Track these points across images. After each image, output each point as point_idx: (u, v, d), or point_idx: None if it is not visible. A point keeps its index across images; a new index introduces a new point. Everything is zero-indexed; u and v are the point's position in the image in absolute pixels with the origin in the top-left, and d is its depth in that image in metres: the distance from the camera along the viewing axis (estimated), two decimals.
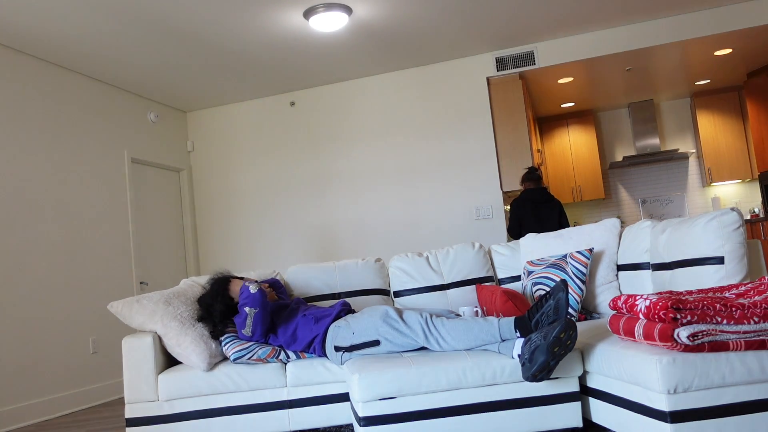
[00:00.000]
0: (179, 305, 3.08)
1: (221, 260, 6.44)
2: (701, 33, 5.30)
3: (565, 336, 2.22)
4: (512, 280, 3.52)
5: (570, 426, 2.46)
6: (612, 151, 8.20)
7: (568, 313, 2.51)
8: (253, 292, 2.89)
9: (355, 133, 6.14)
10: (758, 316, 1.97)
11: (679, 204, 7.88)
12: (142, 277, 5.68)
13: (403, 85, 6.04)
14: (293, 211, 6.28)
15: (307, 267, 3.63)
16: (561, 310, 2.38)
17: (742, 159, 7.47)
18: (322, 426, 2.89)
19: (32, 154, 4.64)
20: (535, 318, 2.45)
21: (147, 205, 5.94)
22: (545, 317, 2.41)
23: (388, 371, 2.41)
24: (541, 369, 2.23)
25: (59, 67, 5.01)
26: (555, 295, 2.42)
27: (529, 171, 5.21)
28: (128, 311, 3.05)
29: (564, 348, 2.23)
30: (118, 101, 5.67)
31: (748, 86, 7.01)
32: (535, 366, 2.23)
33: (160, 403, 2.90)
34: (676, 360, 1.96)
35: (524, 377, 2.30)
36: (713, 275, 2.47)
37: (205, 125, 6.63)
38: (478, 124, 5.79)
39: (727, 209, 2.51)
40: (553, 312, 2.40)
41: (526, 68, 5.73)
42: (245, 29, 4.68)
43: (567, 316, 2.36)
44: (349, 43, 5.22)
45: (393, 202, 5.99)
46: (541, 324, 2.41)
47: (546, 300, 2.46)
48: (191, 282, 3.50)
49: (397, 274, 3.55)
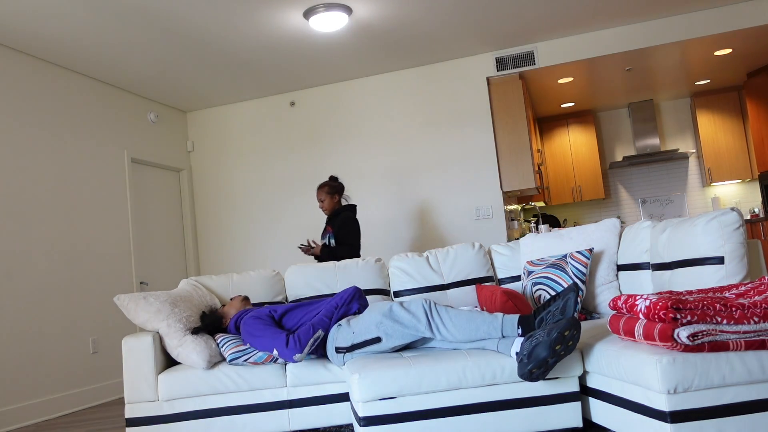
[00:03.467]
0: (185, 309, 3.11)
1: (221, 260, 6.44)
2: (701, 33, 5.30)
3: (569, 334, 2.21)
4: (512, 280, 3.52)
5: (570, 426, 2.46)
6: (612, 151, 8.20)
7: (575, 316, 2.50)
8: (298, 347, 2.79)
9: (355, 133, 6.14)
10: (758, 316, 1.97)
11: (679, 204, 7.88)
12: (142, 277, 5.68)
13: (403, 85, 6.04)
14: (293, 211, 6.28)
15: (307, 267, 3.63)
16: (568, 311, 2.38)
17: (742, 159, 7.47)
18: (322, 426, 2.89)
19: (32, 154, 4.64)
20: (540, 315, 2.45)
21: (147, 205, 5.94)
22: (551, 316, 2.41)
23: (388, 371, 2.41)
24: (539, 365, 2.22)
25: (59, 67, 5.01)
26: (565, 296, 2.42)
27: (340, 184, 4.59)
28: (134, 306, 3.07)
29: (566, 347, 2.22)
30: (118, 101, 5.67)
31: (748, 86, 7.01)
32: (533, 362, 2.22)
33: (160, 403, 2.90)
34: (676, 360, 1.96)
35: (519, 374, 2.28)
36: (713, 275, 2.47)
37: (205, 125, 6.63)
38: (478, 124, 5.79)
39: (727, 209, 2.51)
40: (559, 312, 2.40)
41: (526, 68, 5.73)
42: (245, 29, 4.68)
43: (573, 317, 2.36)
44: (349, 43, 5.22)
45: (393, 202, 5.99)
46: (545, 322, 2.41)
47: (554, 300, 2.46)
48: (193, 282, 3.51)
49: (396, 274, 3.55)
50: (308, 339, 2.72)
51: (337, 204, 4.54)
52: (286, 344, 2.72)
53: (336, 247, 4.34)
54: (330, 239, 4.40)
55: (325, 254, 4.31)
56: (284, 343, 2.73)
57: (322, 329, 2.78)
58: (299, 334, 2.75)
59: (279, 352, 2.75)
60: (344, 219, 4.42)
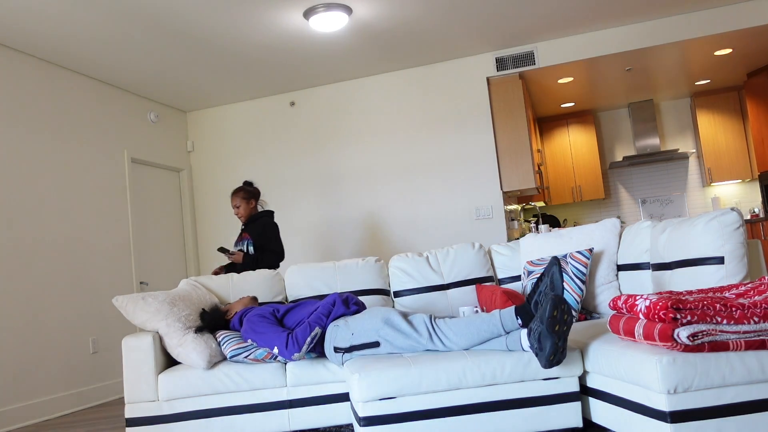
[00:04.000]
0: (184, 307, 3.11)
1: (221, 260, 6.44)
2: (701, 33, 5.30)
3: (558, 312, 2.22)
4: (512, 280, 3.52)
5: (570, 426, 2.46)
6: (612, 151, 8.20)
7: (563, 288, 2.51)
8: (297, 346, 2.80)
9: (354, 133, 6.15)
10: (758, 316, 1.97)
11: (679, 204, 7.88)
12: (142, 277, 5.68)
13: (403, 85, 6.04)
14: (293, 211, 6.28)
15: (307, 267, 3.63)
16: (556, 285, 2.39)
17: (742, 159, 7.47)
18: (322, 426, 2.89)
19: (32, 154, 4.64)
20: (533, 299, 2.45)
21: (147, 205, 5.94)
22: (543, 296, 2.41)
23: (388, 371, 2.41)
24: (554, 352, 2.23)
25: (59, 67, 5.01)
26: (549, 272, 2.44)
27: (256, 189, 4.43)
28: (132, 307, 3.07)
29: (563, 323, 2.23)
30: (118, 101, 5.67)
31: (748, 86, 7.02)
32: (547, 351, 2.23)
33: (160, 403, 2.90)
34: (676, 360, 1.96)
35: (542, 365, 2.28)
36: (713, 275, 2.47)
37: (205, 125, 6.63)
38: (478, 124, 5.79)
39: (727, 209, 2.51)
40: (549, 289, 2.41)
41: (526, 68, 5.73)
42: (245, 29, 4.69)
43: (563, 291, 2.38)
44: (349, 43, 5.22)
45: (393, 202, 5.99)
46: (540, 304, 2.41)
47: (541, 280, 2.47)
48: (193, 282, 3.51)
49: (397, 274, 3.55)
50: (305, 338, 2.74)
51: (254, 209, 4.36)
52: (286, 345, 2.73)
53: (259, 255, 4.17)
54: (248, 246, 4.20)
55: (248, 262, 4.12)
56: (284, 343, 2.74)
57: (319, 326, 2.78)
58: (296, 333, 2.76)
59: (279, 351, 2.77)
60: (265, 225, 4.27)
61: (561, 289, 2.39)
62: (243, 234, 4.32)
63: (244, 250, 4.21)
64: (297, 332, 2.77)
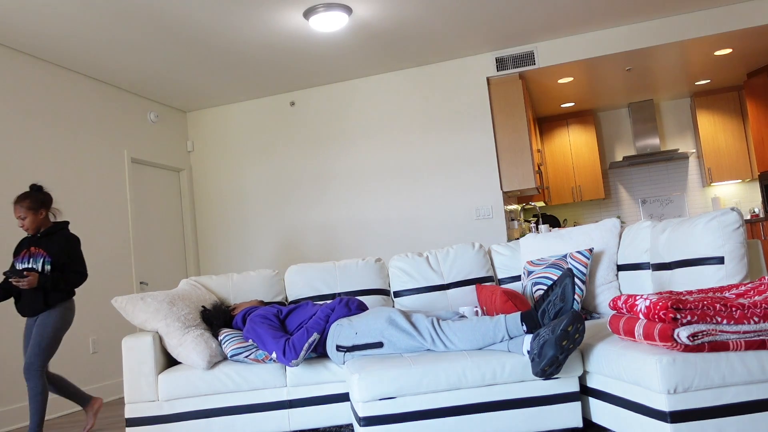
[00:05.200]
0: (183, 307, 3.11)
1: (221, 260, 6.44)
2: (701, 33, 5.30)
3: (572, 329, 2.21)
4: (512, 280, 3.52)
5: (570, 426, 2.46)
6: (612, 151, 8.20)
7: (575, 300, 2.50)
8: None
9: (354, 133, 6.14)
10: (758, 316, 1.97)
11: (679, 204, 7.88)
12: (142, 277, 5.68)
13: (403, 85, 6.04)
14: (293, 211, 6.28)
15: (307, 267, 3.63)
16: (567, 297, 2.38)
17: (742, 159, 7.47)
18: (322, 426, 2.89)
19: (32, 154, 4.64)
20: (541, 308, 2.44)
21: (147, 205, 5.94)
22: (551, 306, 2.41)
23: (389, 371, 2.41)
24: (551, 363, 2.23)
25: (60, 67, 5.01)
26: (562, 282, 2.42)
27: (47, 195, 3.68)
28: (132, 308, 3.07)
29: (572, 341, 2.23)
30: (118, 101, 5.67)
31: (748, 86, 7.01)
32: (545, 360, 2.23)
33: (160, 403, 2.90)
34: (676, 360, 1.96)
35: (534, 372, 2.29)
36: (713, 275, 2.47)
37: (205, 125, 6.63)
38: (478, 124, 5.79)
39: (727, 209, 2.51)
40: (559, 300, 2.40)
41: (526, 68, 5.73)
42: (245, 29, 4.68)
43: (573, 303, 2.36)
44: (349, 43, 5.22)
45: (393, 202, 5.99)
46: (547, 313, 2.40)
47: (552, 289, 2.46)
48: (192, 282, 3.51)
49: (397, 274, 3.55)
50: (302, 345, 2.73)
51: (44, 220, 3.60)
52: (284, 352, 2.74)
53: (58, 275, 3.46)
54: (45, 264, 3.44)
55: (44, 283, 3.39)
56: (282, 350, 2.75)
57: (317, 332, 2.79)
58: (293, 340, 2.76)
59: (277, 357, 2.78)
60: (67, 240, 3.56)
61: (571, 302, 2.37)
62: (32, 249, 3.50)
63: (37, 269, 3.43)
64: (294, 339, 2.77)
